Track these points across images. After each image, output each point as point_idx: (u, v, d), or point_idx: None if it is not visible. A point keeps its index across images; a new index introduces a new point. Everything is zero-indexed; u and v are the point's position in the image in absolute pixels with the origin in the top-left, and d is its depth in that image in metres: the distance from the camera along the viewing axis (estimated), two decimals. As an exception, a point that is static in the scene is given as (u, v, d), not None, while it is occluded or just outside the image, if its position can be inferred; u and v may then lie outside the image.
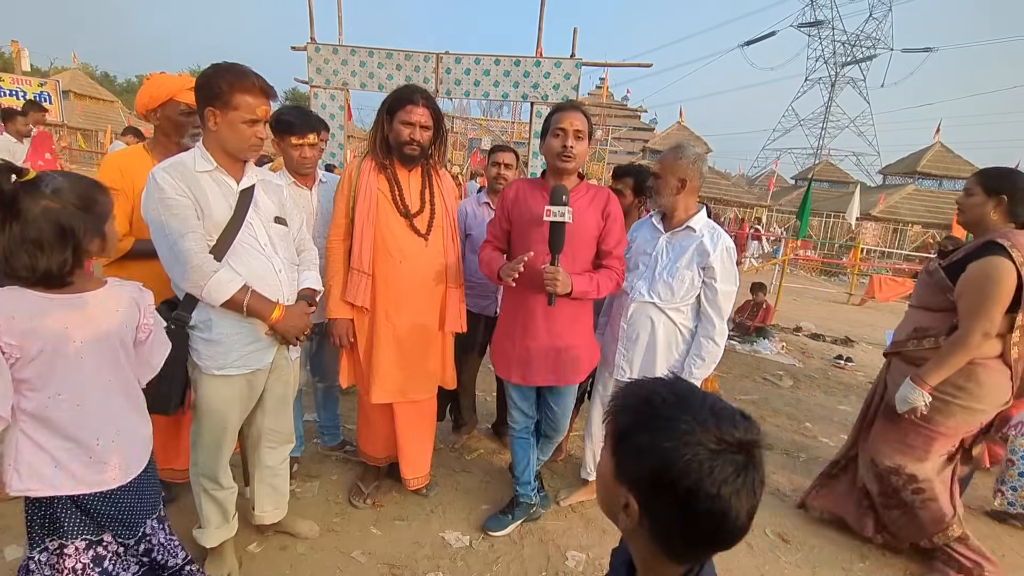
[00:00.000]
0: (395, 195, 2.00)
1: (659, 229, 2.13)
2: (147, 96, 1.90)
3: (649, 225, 2.20)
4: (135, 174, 1.81)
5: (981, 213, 1.96)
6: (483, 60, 6.19)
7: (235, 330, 1.59)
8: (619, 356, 2.19)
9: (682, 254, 2.04)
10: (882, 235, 17.59)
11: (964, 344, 1.86)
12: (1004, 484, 2.63)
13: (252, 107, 1.51)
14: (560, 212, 1.70)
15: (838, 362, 5.65)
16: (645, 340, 2.12)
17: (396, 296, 2.04)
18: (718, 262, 1.99)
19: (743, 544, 2.29)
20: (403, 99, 1.94)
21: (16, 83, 12.67)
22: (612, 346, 2.23)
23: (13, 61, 13.68)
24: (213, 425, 1.65)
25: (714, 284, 2.02)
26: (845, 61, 45.48)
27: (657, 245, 2.11)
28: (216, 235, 1.54)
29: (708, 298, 2.05)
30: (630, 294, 2.12)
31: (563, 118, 1.83)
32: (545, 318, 1.90)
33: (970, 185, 2.02)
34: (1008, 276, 1.81)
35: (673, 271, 2.04)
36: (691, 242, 2.03)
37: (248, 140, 1.55)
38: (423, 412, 2.25)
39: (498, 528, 2.20)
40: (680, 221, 2.08)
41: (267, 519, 1.95)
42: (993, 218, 1.94)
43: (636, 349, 2.14)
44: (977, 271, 1.88)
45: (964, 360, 1.90)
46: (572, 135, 1.82)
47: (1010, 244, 1.83)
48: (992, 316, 1.84)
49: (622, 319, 2.16)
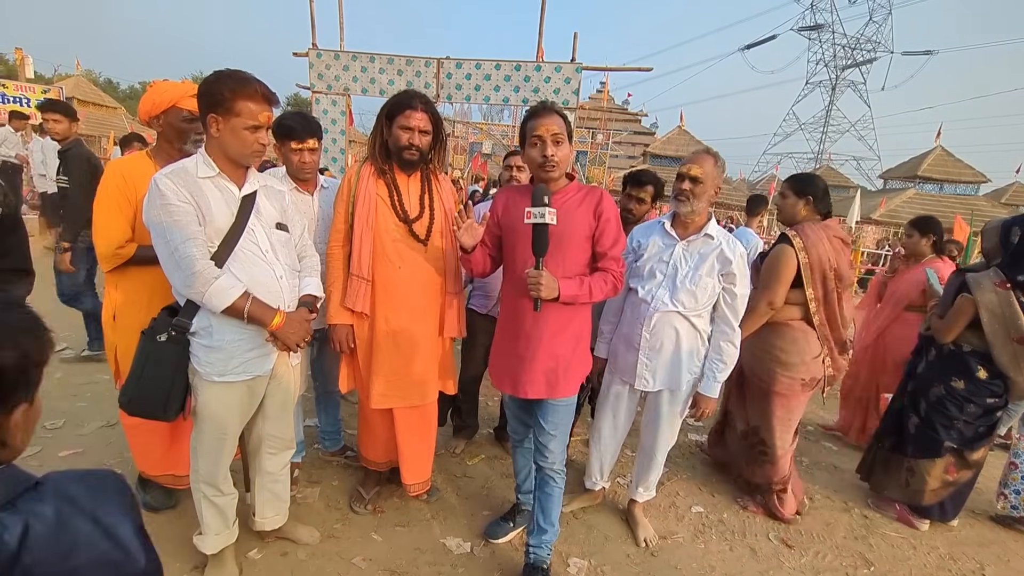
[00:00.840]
0: (394, 200, 2.01)
1: (673, 236, 2.08)
2: (150, 103, 1.91)
3: (660, 231, 2.13)
4: (138, 180, 1.82)
5: (794, 212, 2.43)
6: (484, 65, 6.22)
7: (236, 336, 1.59)
8: (642, 366, 2.12)
9: (703, 262, 2.02)
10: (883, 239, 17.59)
11: (752, 311, 2.27)
12: (1007, 488, 2.62)
13: (254, 113, 1.52)
14: (540, 213, 1.63)
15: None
16: (670, 349, 2.07)
17: (395, 301, 2.04)
18: (737, 268, 2.01)
19: (747, 549, 2.29)
20: (402, 104, 1.94)
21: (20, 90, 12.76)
22: (630, 356, 2.15)
23: (17, 68, 13.79)
24: (213, 431, 1.65)
25: (733, 289, 2.03)
26: (845, 64, 45.62)
27: (674, 253, 2.06)
28: (217, 241, 1.55)
29: (727, 302, 2.05)
30: (651, 303, 2.07)
31: (537, 125, 1.73)
32: (535, 326, 1.79)
33: (784, 189, 2.49)
34: (788, 259, 2.31)
35: (696, 279, 2.01)
36: (710, 250, 2.02)
37: (251, 146, 1.55)
38: (424, 417, 2.24)
39: (499, 535, 2.19)
40: (697, 228, 2.05)
41: (268, 525, 1.94)
42: (803, 214, 2.41)
43: (660, 359, 2.09)
44: (769, 256, 2.41)
45: (756, 322, 2.36)
46: (550, 142, 1.72)
47: (795, 235, 2.33)
48: (775, 289, 2.32)
49: (644, 329, 2.08)
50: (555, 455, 1.90)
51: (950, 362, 2.48)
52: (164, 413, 1.57)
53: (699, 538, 2.35)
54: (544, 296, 1.65)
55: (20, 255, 1.95)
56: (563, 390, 1.85)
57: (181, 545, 1.92)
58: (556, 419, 1.87)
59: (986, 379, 2.38)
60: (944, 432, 2.47)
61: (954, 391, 2.45)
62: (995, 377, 2.38)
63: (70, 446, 2.56)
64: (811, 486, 2.90)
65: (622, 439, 2.36)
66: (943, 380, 2.49)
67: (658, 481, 2.37)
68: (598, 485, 2.46)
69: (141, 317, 1.70)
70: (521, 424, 2.09)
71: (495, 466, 2.81)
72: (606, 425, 2.32)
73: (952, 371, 2.46)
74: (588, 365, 1.96)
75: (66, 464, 2.42)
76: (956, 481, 2.51)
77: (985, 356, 2.37)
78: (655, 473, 2.30)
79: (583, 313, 1.88)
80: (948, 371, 2.48)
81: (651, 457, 2.26)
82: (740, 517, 2.55)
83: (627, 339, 2.16)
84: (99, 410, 2.94)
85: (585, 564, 2.11)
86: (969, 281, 2.36)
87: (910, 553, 2.39)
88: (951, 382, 2.46)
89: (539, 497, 1.97)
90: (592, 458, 2.40)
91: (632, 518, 2.37)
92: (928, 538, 2.52)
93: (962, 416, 2.44)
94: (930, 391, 2.53)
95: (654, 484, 2.35)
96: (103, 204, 1.82)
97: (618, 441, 2.36)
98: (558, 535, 2.04)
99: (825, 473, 3.10)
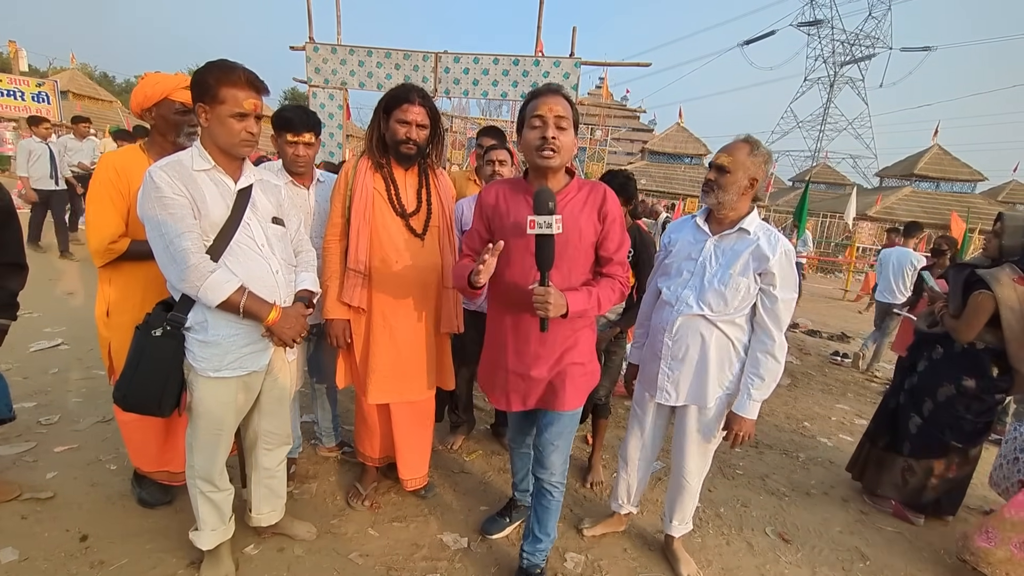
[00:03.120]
0: (391, 194, 1.99)
1: (705, 231, 1.86)
2: (142, 95, 1.88)
3: (692, 226, 1.92)
4: (131, 174, 1.80)
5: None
6: (482, 59, 6.19)
7: (232, 332, 1.57)
8: (663, 377, 1.91)
9: (735, 259, 1.77)
10: (878, 235, 17.70)
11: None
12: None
13: (239, 100, 1.49)
14: (547, 223, 1.42)
15: (835, 358, 5.68)
16: (695, 358, 1.85)
17: (392, 296, 2.03)
18: (777, 267, 1.72)
19: (744, 543, 2.30)
20: (399, 98, 1.92)
21: (14, 83, 12.65)
22: (653, 364, 1.95)
23: (11, 61, 13.68)
24: (209, 427, 1.64)
25: (773, 291, 1.75)
26: (844, 60, 45.59)
27: (704, 249, 1.84)
28: (213, 235, 1.53)
29: (766, 307, 1.77)
30: (675, 305, 1.86)
31: (540, 104, 1.51)
32: (539, 344, 1.65)
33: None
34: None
35: (726, 279, 1.77)
36: (745, 246, 1.77)
37: (237, 135, 1.52)
38: (420, 412, 2.23)
39: (496, 530, 2.19)
40: (732, 222, 1.81)
41: (264, 521, 1.94)
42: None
43: (684, 369, 1.87)
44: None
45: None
46: (552, 123, 1.50)
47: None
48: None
49: (666, 335, 1.88)
50: (555, 467, 1.77)
51: (963, 360, 2.44)
52: (159, 408, 1.56)
53: (696, 532, 2.35)
54: (552, 315, 1.48)
55: (13, 250, 1.93)
56: (569, 402, 1.70)
57: (177, 541, 1.92)
58: (559, 429, 1.74)
59: (998, 376, 2.37)
60: (950, 432, 2.47)
61: (966, 390, 2.42)
62: (1004, 373, 2.37)
63: (65, 442, 2.55)
64: (808, 481, 2.91)
65: (651, 459, 2.15)
66: (953, 379, 2.45)
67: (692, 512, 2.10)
68: (624, 509, 2.24)
69: (135, 313, 1.69)
70: (521, 433, 2.05)
71: (492, 462, 2.81)
72: (633, 443, 2.12)
73: (964, 370, 2.43)
74: (596, 377, 1.81)
75: (61, 460, 2.41)
76: (955, 477, 2.52)
77: (998, 353, 2.34)
78: (688, 502, 2.04)
79: (590, 323, 1.76)
80: (960, 370, 2.44)
81: (679, 483, 2.02)
82: (737, 512, 2.56)
83: (651, 346, 1.98)
84: (94, 406, 2.93)
85: (582, 559, 2.11)
86: (985, 277, 2.30)
87: (906, 548, 2.41)
88: (963, 381, 2.42)
89: (535, 507, 1.86)
90: (619, 479, 2.20)
91: (671, 554, 2.13)
92: (923, 533, 2.53)
93: (968, 414, 2.43)
94: (938, 391, 2.50)
95: (690, 515, 2.09)
96: (95, 198, 1.79)
97: (648, 461, 2.14)
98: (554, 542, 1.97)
99: (821, 468, 3.12)
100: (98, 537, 1.95)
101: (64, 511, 2.07)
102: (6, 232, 1.89)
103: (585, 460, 2.83)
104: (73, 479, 2.27)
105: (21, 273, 1.96)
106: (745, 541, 2.34)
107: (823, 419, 3.93)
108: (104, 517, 2.06)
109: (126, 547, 1.91)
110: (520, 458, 2.14)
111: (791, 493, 2.78)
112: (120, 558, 1.86)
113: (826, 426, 3.79)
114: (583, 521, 2.30)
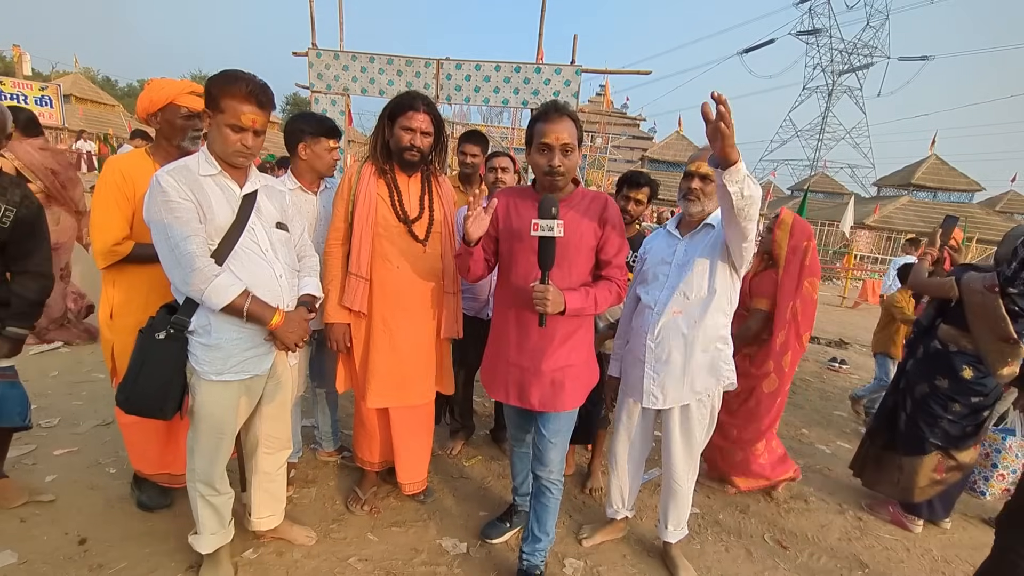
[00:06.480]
0: (394, 200, 2.01)
1: (676, 236, 1.98)
2: (147, 100, 1.90)
3: (664, 235, 2.04)
4: (136, 178, 1.82)
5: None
6: (483, 66, 6.23)
7: (234, 335, 1.58)
8: (648, 381, 1.94)
9: (699, 246, 1.89)
10: (875, 243, 17.80)
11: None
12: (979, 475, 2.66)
13: (237, 112, 1.50)
14: (549, 226, 1.54)
15: (832, 364, 5.68)
16: (679, 361, 1.89)
17: (393, 301, 2.04)
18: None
19: (742, 550, 2.30)
20: (404, 105, 1.95)
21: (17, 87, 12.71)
22: (636, 369, 1.99)
23: (14, 65, 13.74)
24: (210, 431, 1.64)
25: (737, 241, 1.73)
26: (843, 69, 45.94)
27: (676, 252, 1.95)
28: (218, 239, 1.54)
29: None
30: (655, 308, 1.92)
31: (548, 131, 1.63)
32: (540, 338, 1.74)
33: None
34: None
35: (691, 265, 1.87)
36: (709, 236, 1.88)
37: (232, 146, 1.54)
38: (420, 417, 2.24)
39: (496, 535, 2.19)
40: (699, 221, 1.93)
41: (263, 525, 1.94)
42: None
43: (668, 370, 1.90)
44: None
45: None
46: (559, 152, 1.64)
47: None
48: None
49: (648, 338, 1.92)
50: (553, 464, 1.84)
51: (936, 361, 2.51)
52: (161, 412, 1.57)
53: (695, 539, 2.35)
54: (550, 311, 1.59)
55: (37, 259, 1.88)
56: (569, 401, 1.78)
57: (176, 544, 1.92)
58: (557, 427, 1.81)
59: (972, 378, 2.41)
60: (928, 430, 2.51)
61: (938, 390, 2.48)
62: (981, 376, 2.40)
63: (65, 445, 2.55)
64: (806, 488, 2.92)
65: (641, 463, 2.19)
66: (928, 379, 2.53)
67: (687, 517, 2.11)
68: (620, 514, 2.26)
69: (138, 315, 1.70)
70: (521, 431, 2.07)
71: (492, 467, 2.81)
72: (621, 449, 2.15)
73: (937, 370, 2.50)
74: (595, 376, 1.89)
75: (61, 463, 2.41)
76: (945, 481, 2.52)
77: (971, 356, 2.40)
78: (682, 506, 2.07)
79: (587, 322, 1.84)
80: (933, 370, 2.51)
81: (671, 487, 2.05)
82: (736, 518, 2.56)
83: (634, 352, 2.02)
84: (94, 408, 2.93)
85: (581, 564, 2.11)
86: (964, 277, 2.41)
87: (904, 555, 2.41)
88: (935, 380, 2.49)
89: (535, 506, 1.92)
90: (612, 486, 2.23)
91: (670, 560, 2.14)
92: (921, 540, 2.53)
93: (947, 415, 2.46)
94: (916, 388, 2.57)
95: (684, 520, 2.10)
96: (100, 201, 1.81)
97: (637, 462, 2.18)
98: (553, 542, 2.01)
99: (819, 476, 3.12)
100: (97, 540, 1.95)
101: (63, 514, 2.07)
102: (30, 241, 1.86)
103: (585, 466, 2.83)
104: (72, 482, 2.27)
105: (45, 284, 1.91)
106: (744, 548, 2.34)
107: (821, 426, 3.93)
108: (103, 520, 2.06)
109: (125, 550, 1.91)
110: (520, 459, 2.16)
111: (789, 500, 2.78)
112: (119, 561, 1.86)
113: (824, 433, 3.80)
114: (582, 530, 2.30)
